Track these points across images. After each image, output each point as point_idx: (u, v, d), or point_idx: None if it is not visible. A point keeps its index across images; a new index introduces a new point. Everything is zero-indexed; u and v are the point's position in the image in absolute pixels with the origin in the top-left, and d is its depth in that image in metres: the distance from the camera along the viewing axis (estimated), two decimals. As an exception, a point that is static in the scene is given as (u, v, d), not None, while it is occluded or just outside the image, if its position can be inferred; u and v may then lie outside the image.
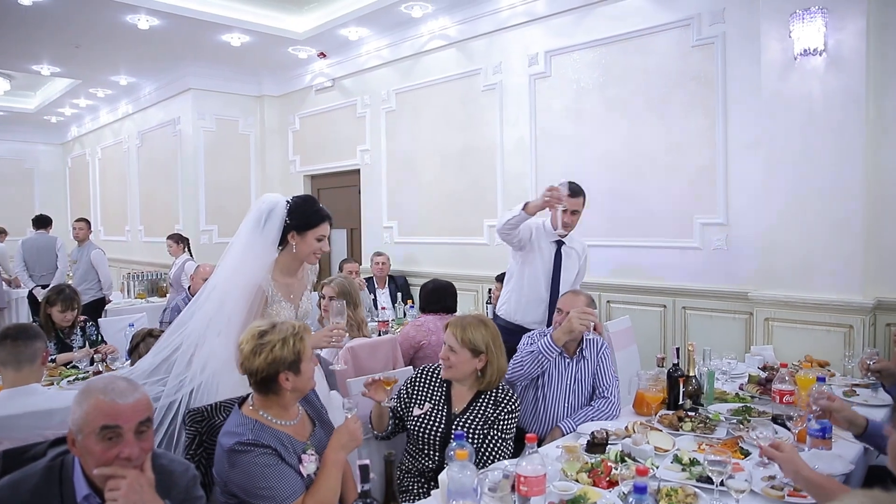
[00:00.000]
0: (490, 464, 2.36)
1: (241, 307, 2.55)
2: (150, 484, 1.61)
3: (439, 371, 2.65)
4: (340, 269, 6.15)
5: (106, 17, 6.20)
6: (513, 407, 2.57)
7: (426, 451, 2.51)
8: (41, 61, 7.89)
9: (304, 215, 2.68)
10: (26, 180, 13.00)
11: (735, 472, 1.97)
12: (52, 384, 3.57)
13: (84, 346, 4.19)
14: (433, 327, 4.07)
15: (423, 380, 2.69)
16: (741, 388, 3.24)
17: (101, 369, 3.69)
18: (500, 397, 2.58)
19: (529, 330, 3.40)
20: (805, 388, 2.79)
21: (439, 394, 2.62)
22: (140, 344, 3.13)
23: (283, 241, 2.70)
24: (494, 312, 4.04)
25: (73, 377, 3.73)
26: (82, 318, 4.40)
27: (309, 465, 2.01)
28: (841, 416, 2.10)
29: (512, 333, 3.30)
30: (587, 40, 5.24)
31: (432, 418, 2.55)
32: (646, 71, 4.90)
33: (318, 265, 3.01)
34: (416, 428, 2.54)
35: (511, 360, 2.93)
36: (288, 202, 2.69)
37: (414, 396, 2.65)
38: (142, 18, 6.22)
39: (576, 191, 3.68)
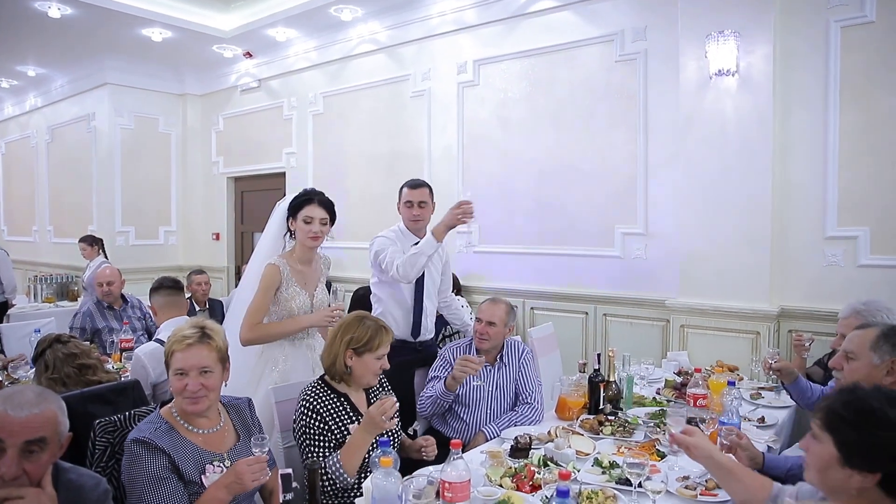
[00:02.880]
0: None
1: (252, 288, 2.90)
2: (52, 502, 1.52)
3: (317, 391, 2.37)
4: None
5: (10, 1, 5.81)
6: (386, 383, 2.61)
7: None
8: (-64, 47, 7.33)
9: (294, 200, 2.98)
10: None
11: (652, 473, 2.04)
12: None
13: (-18, 353, 3.90)
14: None
15: (324, 406, 2.35)
16: (658, 393, 3.36)
17: (0, 378, 3.45)
18: (381, 383, 2.58)
19: (408, 343, 3.44)
20: (717, 392, 2.93)
21: (344, 410, 2.38)
22: (46, 350, 2.93)
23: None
24: None
25: (-30, 387, 3.48)
26: (-19, 323, 4.10)
27: (212, 477, 1.95)
28: (745, 453, 2.23)
29: (395, 350, 2.75)
30: (515, 51, 5.34)
31: None
32: (571, 83, 5.04)
33: (330, 261, 3.22)
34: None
35: (418, 398, 3.13)
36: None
37: (335, 424, 2.34)
38: (53, 6, 5.86)
39: (414, 183, 3.61)
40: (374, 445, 2.25)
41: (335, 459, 2.22)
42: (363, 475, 2.25)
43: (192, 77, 8.34)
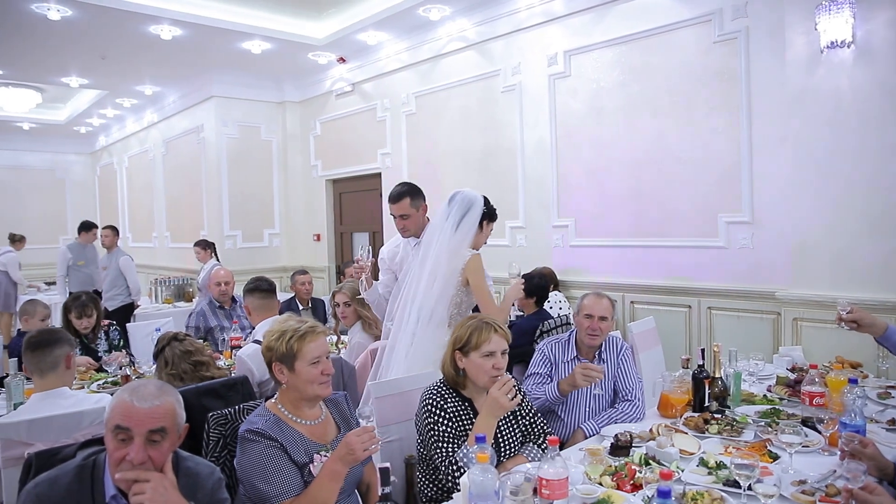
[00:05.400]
0: (539, 435, 2.48)
1: (454, 279, 3.15)
2: (173, 486, 1.65)
3: (443, 391, 2.38)
4: (342, 272, 6.28)
5: (130, 28, 6.32)
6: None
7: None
8: (70, 73, 8.07)
9: (492, 208, 3.38)
10: (58, 190, 13.33)
11: (763, 475, 1.92)
12: (83, 387, 3.63)
13: (109, 350, 4.26)
14: None
15: (452, 406, 2.35)
16: (769, 390, 3.16)
17: (129, 373, 3.74)
18: None
19: None
20: (836, 391, 2.72)
21: (467, 415, 2.37)
22: (165, 348, 3.15)
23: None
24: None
25: (103, 380, 3.80)
26: (106, 322, 4.47)
27: (320, 466, 2.02)
28: (871, 463, 2.00)
29: None
30: (606, 39, 5.19)
31: None
32: (667, 69, 4.84)
33: None
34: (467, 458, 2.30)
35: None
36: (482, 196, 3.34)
37: (459, 429, 2.33)
38: (164, 29, 6.33)
39: (392, 196, 3.67)
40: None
41: (469, 449, 2.23)
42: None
43: (290, 85, 8.70)
